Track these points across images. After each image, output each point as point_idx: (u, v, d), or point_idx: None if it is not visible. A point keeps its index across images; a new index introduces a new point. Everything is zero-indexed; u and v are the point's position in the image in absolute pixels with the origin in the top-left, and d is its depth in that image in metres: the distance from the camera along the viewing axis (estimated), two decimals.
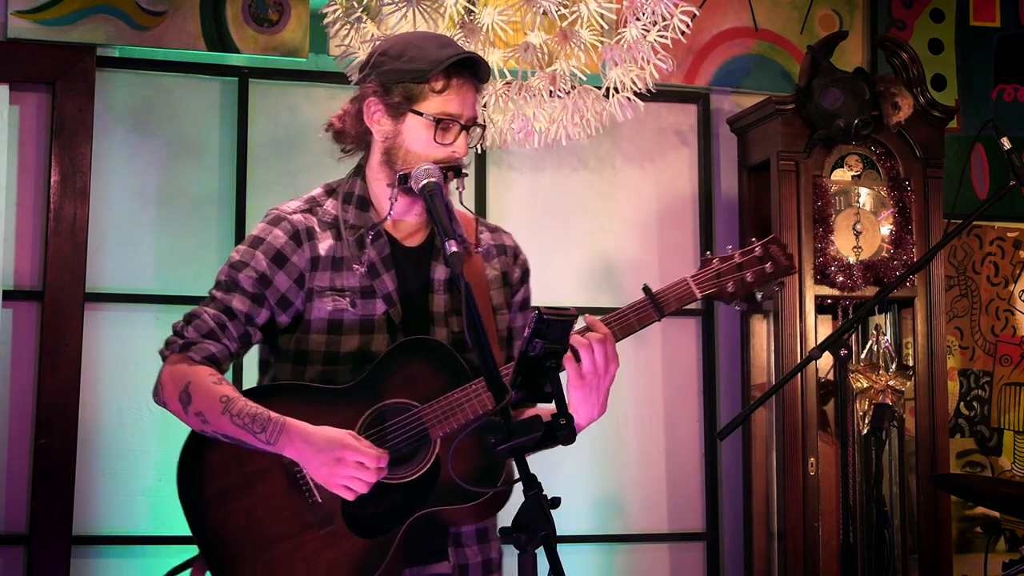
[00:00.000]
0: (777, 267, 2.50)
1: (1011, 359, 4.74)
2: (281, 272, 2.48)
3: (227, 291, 2.48)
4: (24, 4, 3.93)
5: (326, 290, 2.48)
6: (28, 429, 3.91)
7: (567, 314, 1.99)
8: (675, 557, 4.39)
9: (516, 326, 2.64)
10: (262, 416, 2.36)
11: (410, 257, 2.53)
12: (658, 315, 2.46)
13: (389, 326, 2.48)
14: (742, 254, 2.50)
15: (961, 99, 4.75)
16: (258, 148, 4.16)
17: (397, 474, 2.37)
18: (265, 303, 2.48)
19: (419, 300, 2.52)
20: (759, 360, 4.36)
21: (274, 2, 4.13)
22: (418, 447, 2.39)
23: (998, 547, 4.57)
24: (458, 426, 2.37)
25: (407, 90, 2.43)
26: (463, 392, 2.39)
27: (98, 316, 3.98)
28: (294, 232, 2.50)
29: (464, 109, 2.46)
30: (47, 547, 3.83)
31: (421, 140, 2.44)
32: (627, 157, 4.50)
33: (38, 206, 3.98)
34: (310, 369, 2.48)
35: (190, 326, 2.47)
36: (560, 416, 2.00)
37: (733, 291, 2.49)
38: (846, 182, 4.23)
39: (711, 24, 4.56)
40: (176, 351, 2.46)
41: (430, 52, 2.44)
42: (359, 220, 2.52)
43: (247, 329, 2.48)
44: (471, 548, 2.50)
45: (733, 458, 4.40)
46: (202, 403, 2.39)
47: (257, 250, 2.49)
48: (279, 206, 2.56)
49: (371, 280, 2.49)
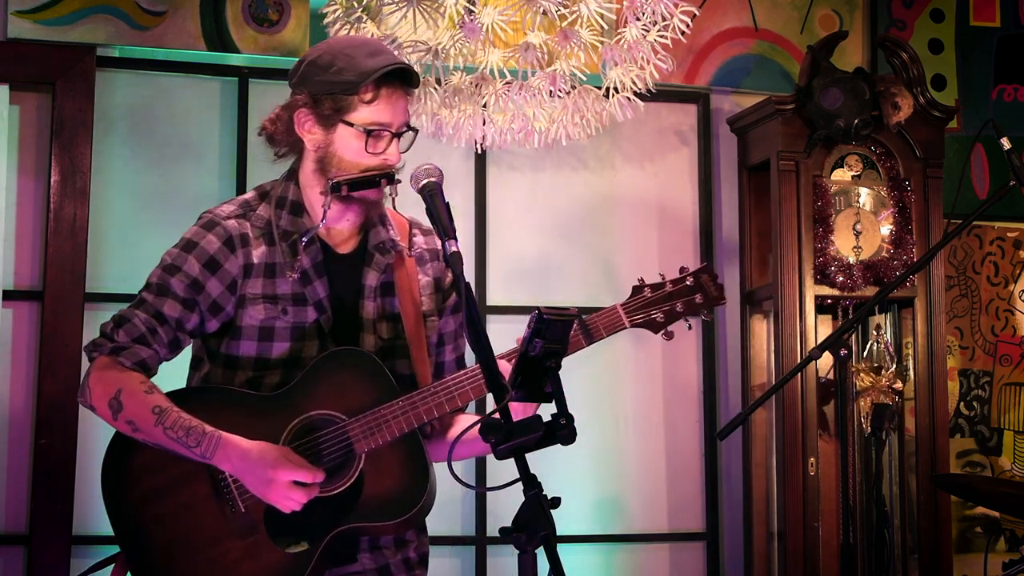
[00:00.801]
0: (707, 298, 2.55)
1: (1011, 359, 4.73)
2: (213, 278, 2.48)
3: (158, 295, 2.48)
4: (24, 4, 3.93)
5: (258, 297, 2.48)
6: (28, 429, 3.91)
7: (567, 314, 1.99)
8: (675, 557, 4.39)
9: (448, 330, 2.65)
10: (196, 429, 2.36)
11: (342, 263, 2.54)
12: (586, 342, 2.49)
13: (319, 333, 2.49)
14: (673, 283, 2.55)
15: (961, 99, 4.75)
16: (258, 148, 4.13)
17: (322, 487, 2.38)
18: (196, 308, 2.48)
19: (350, 306, 2.53)
20: (759, 360, 4.36)
21: (274, 2, 4.13)
22: (343, 461, 2.40)
23: (998, 547, 4.57)
24: (383, 442, 2.39)
25: (336, 101, 2.44)
26: (389, 408, 2.40)
27: (98, 316, 3.97)
28: (228, 238, 2.49)
29: (395, 117, 2.46)
30: (47, 547, 3.83)
31: (352, 149, 2.45)
32: (627, 157, 4.50)
33: (38, 206, 3.98)
34: (240, 374, 2.49)
35: (120, 329, 2.46)
36: (560, 416, 2.00)
37: (663, 320, 2.54)
38: (846, 182, 4.23)
39: (711, 24, 4.56)
40: (105, 353, 2.45)
41: (359, 62, 2.43)
42: (292, 226, 2.51)
43: (177, 335, 2.48)
44: (388, 550, 2.51)
45: (733, 458, 4.40)
46: (134, 412, 2.39)
47: (190, 254, 2.49)
48: (213, 209, 2.56)
49: (303, 287, 2.49)
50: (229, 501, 2.40)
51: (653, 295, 2.54)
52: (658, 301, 2.54)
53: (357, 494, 2.39)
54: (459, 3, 3.45)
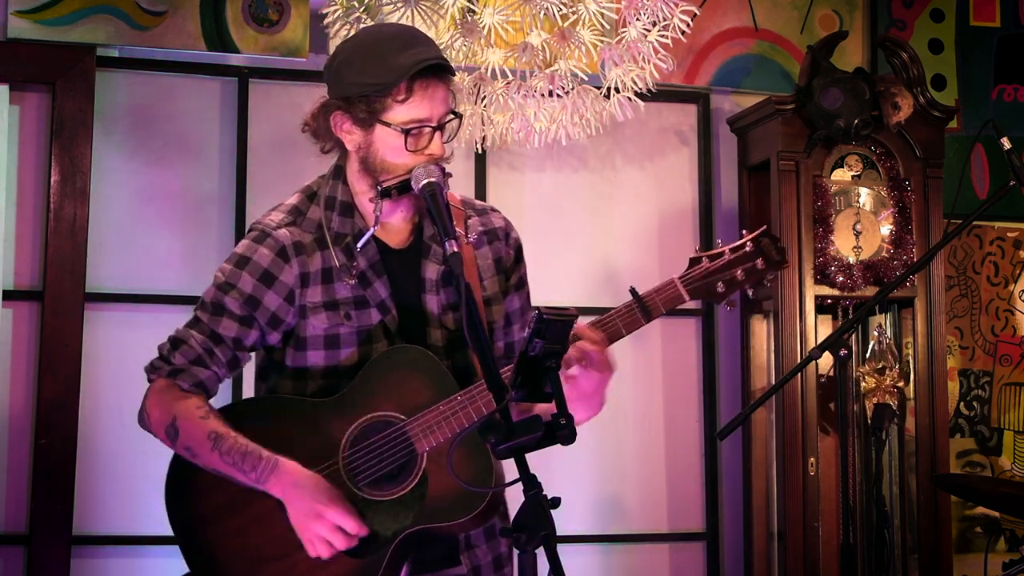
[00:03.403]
0: (768, 262, 2.41)
1: (1011, 359, 4.73)
2: (270, 292, 2.41)
3: (214, 314, 2.42)
4: (24, 4, 3.93)
5: (319, 306, 2.42)
6: (28, 429, 3.91)
7: (567, 314, 1.98)
8: (675, 557, 4.39)
9: (514, 308, 2.58)
10: (253, 455, 2.33)
11: (399, 260, 2.47)
12: (645, 319, 2.37)
13: (386, 333, 2.43)
14: (732, 251, 2.41)
15: (961, 99, 4.75)
16: (258, 148, 4.16)
17: (385, 491, 2.34)
18: (255, 324, 2.42)
19: (413, 303, 2.46)
20: (759, 360, 4.35)
21: (274, 2, 4.13)
22: (405, 462, 2.34)
23: (998, 547, 4.57)
24: (444, 439, 2.32)
25: (370, 104, 2.34)
26: (448, 404, 2.34)
27: (98, 316, 3.98)
28: (280, 248, 2.42)
29: (434, 110, 2.36)
30: (47, 547, 3.83)
31: (394, 149, 2.35)
32: (627, 157, 4.50)
33: (38, 206, 3.98)
34: (311, 383, 2.44)
35: (177, 352, 2.42)
36: (560, 416, 1.98)
37: (723, 291, 2.40)
38: (846, 182, 4.23)
39: (711, 24, 4.56)
40: (164, 376, 2.42)
41: (390, 60, 2.33)
42: (344, 227, 2.44)
43: (236, 354, 2.44)
44: (481, 548, 2.46)
45: (733, 458, 4.40)
46: (190, 439, 2.36)
47: (243, 271, 2.42)
48: (261, 219, 2.49)
49: (363, 289, 2.43)
50: None
51: (712, 264, 2.39)
52: (717, 271, 2.39)
53: (423, 495, 2.33)
54: (459, 3, 3.45)
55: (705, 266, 2.40)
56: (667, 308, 2.38)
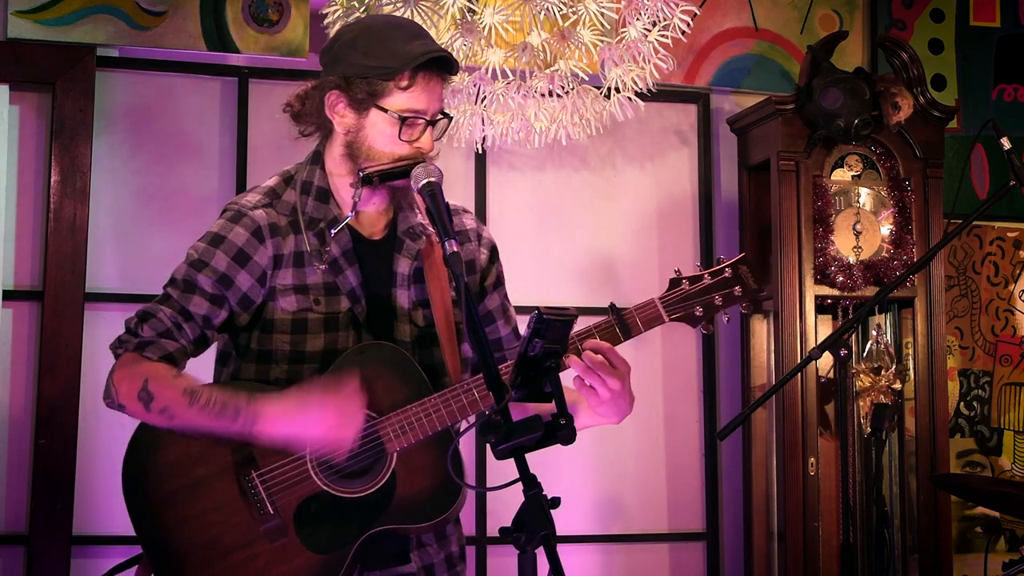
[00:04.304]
0: (746, 290, 2.45)
1: (1011, 359, 4.74)
2: (243, 271, 2.39)
3: (185, 291, 2.39)
4: (24, 4, 3.93)
5: (289, 288, 2.40)
6: (28, 429, 3.91)
7: (567, 314, 1.98)
8: (675, 557, 4.39)
9: (495, 305, 2.59)
10: (232, 401, 2.29)
11: (372, 251, 2.46)
12: (624, 337, 2.40)
13: (354, 323, 2.41)
14: (711, 275, 2.45)
15: (961, 99, 4.75)
16: (258, 148, 4.16)
17: (352, 488, 2.33)
18: (225, 304, 2.40)
19: (383, 295, 2.44)
20: (759, 360, 4.35)
21: (274, 2, 4.13)
22: (374, 460, 2.34)
23: (998, 547, 4.57)
24: (416, 441, 2.32)
25: (371, 86, 2.34)
26: (422, 406, 2.34)
27: (98, 316, 3.97)
28: (256, 229, 2.41)
29: (430, 104, 2.37)
30: (47, 547, 3.83)
31: (385, 136, 2.35)
32: (628, 157, 4.50)
33: (38, 206, 3.98)
34: (275, 368, 2.41)
35: (146, 324, 2.38)
36: (560, 416, 1.99)
37: (701, 315, 2.44)
38: (846, 182, 4.23)
39: (711, 24, 4.56)
40: (131, 349, 2.37)
41: (398, 46, 2.34)
42: (318, 213, 2.43)
43: (204, 332, 2.40)
44: (432, 547, 2.45)
45: (733, 458, 4.40)
46: (166, 399, 2.31)
47: (218, 249, 2.40)
48: (238, 199, 2.48)
49: (334, 276, 2.41)
50: (257, 503, 2.33)
51: (691, 288, 2.44)
52: (697, 294, 2.43)
53: (390, 495, 2.33)
54: (459, 3, 3.45)
55: (685, 288, 2.45)
56: (647, 328, 2.42)
